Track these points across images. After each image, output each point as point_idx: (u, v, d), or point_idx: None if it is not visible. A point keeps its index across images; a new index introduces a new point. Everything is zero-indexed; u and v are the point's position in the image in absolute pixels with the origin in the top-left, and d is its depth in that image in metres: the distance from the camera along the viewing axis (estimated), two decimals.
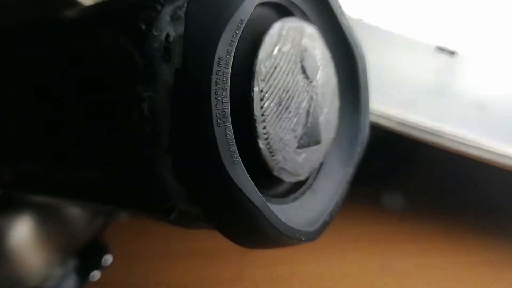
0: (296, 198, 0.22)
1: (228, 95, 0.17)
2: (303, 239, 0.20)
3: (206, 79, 0.17)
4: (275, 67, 0.19)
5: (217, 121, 0.17)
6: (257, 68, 0.18)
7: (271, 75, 0.19)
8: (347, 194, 0.24)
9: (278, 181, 0.21)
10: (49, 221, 0.36)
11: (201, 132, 0.17)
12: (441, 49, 0.34)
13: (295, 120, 0.20)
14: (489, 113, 0.35)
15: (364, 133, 0.25)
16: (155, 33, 0.19)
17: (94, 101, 0.21)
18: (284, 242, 0.19)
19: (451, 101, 0.35)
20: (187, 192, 0.19)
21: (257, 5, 0.19)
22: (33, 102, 0.25)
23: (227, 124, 0.17)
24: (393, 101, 0.34)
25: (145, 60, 0.19)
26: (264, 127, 0.19)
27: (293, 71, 0.20)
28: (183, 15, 0.18)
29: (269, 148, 0.19)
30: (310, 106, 0.21)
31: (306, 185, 0.23)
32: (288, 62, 0.20)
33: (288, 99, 0.20)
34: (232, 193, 0.17)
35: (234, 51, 0.17)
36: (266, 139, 0.19)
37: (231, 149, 0.17)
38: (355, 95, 0.25)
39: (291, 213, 0.21)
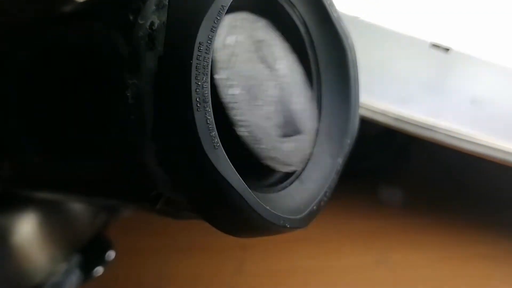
0: (283, 188, 0.22)
1: (209, 80, 0.17)
2: (288, 225, 0.20)
3: (187, 63, 0.16)
4: (233, 55, 0.19)
5: (197, 105, 0.16)
6: (213, 56, 0.18)
7: (230, 62, 0.19)
8: (336, 185, 0.24)
9: (269, 172, 0.21)
10: (52, 217, 0.36)
11: (181, 117, 0.17)
12: (436, 46, 0.34)
13: (267, 108, 0.20)
14: (484, 108, 0.34)
15: (354, 124, 0.24)
16: (141, 21, 0.19)
17: (82, 90, 0.21)
18: (268, 229, 0.19)
19: (446, 97, 0.35)
20: (171, 180, 0.18)
21: None
22: (26, 93, 0.25)
23: (207, 108, 0.17)
24: (389, 97, 0.34)
25: (130, 48, 0.19)
26: (238, 114, 0.19)
27: (252, 60, 0.20)
28: (167, 3, 0.18)
29: (251, 136, 0.19)
30: (280, 94, 0.21)
31: (294, 175, 0.23)
32: (245, 51, 0.20)
33: (256, 87, 0.20)
34: (213, 178, 0.17)
35: (215, 36, 0.17)
36: (245, 126, 0.19)
37: (211, 134, 0.17)
38: (345, 86, 0.24)
39: (277, 202, 0.20)
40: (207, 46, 0.17)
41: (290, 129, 0.21)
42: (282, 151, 0.21)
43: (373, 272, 0.39)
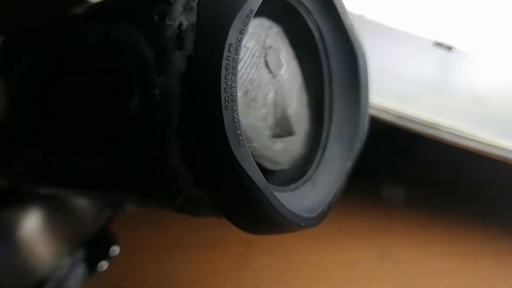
0: (296, 188, 0.22)
1: (237, 80, 0.17)
2: (302, 224, 0.20)
3: (217, 64, 0.16)
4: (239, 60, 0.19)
5: (225, 104, 0.16)
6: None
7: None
8: (345, 186, 0.24)
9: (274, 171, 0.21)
10: (58, 213, 0.36)
11: (209, 115, 0.17)
12: (439, 44, 0.34)
13: (263, 110, 0.20)
14: (485, 106, 0.34)
15: (363, 130, 0.25)
16: (168, 22, 0.19)
17: (108, 88, 0.21)
18: (284, 226, 0.19)
19: (448, 95, 0.35)
20: (193, 175, 0.18)
21: (265, 2, 0.19)
22: (46, 92, 0.25)
23: (234, 107, 0.17)
24: (392, 95, 0.34)
25: (158, 48, 0.19)
26: None
27: (257, 65, 0.20)
28: (195, 6, 0.18)
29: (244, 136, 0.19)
30: (276, 98, 0.21)
31: (307, 176, 0.23)
32: (252, 57, 0.20)
33: (254, 90, 0.20)
34: (237, 174, 0.17)
35: (243, 38, 0.17)
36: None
37: (237, 132, 0.17)
38: (356, 93, 0.25)
39: (291, 201, 0.20)
40: (236, 47, 0.17)
41: (283, 130, 0.22)
42: (272, 151, 0.21)
43: (375, 267, 0.39)
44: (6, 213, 0.33)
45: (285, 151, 0.22)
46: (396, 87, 0.34)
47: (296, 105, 0.23)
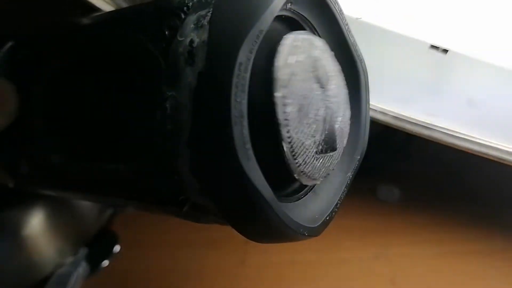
0: (299, 198, 0.22)
1: (246, 97, 0.17)
2: (306, 234, 0.20)
3: (227, 81, 0.17)
4: (292, 75, 0.19)
5: (234, 120, 0.17)
6: (275, 75, 0.19)
7: (290, 81, 0.19)
8: (345, 197, 0.24)
9: (288, 183, 0.22)
10: (60, 212, 0.36)
11: (220, 130, 0.17)
12: (435, 47, 0.34)
13: (314, 126, 0.20)
14: (479, 108, 0.34)
15: (364, 142, 0.25)
16: (180, 38, 0.19)
17: (121, 99, 0.22)
18: (289, 235, 0.20)
19: (444, 97, 0.35)
20: (201, 185, 0.19)
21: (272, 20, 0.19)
22: (62, 100, 0.26)
23: (243, 123, 0.17)
24: (389, 96, 0.34)
25: (170, 63, 0.19)
26: (288, 131, 0.19)
27: (309, 79, 0.20)
28: (206, 23, 0.19)
29: (291, 152, 0.19)
30: (326, 114, 0.21)
31: (309, 187, 0.23)
32: (304, 71, 0.20)
33: (307, 106, 0.20)
34: (245, 186, 0.17)
35: (253, 58, 0.18)
36: (290, 142, 0.19)
37: (246, 146, 0.17)
38: (357, 107, 0.25)
39: (294, 211, 0.21)
40: (245, 66, 0.17)
41: (328, 147, 0.21)
42: (313, 167, 0.21)
43: (371, 266, 0.40)
44: (10, 213, 0.33)
45: (323, 167, 0.21)
46: (394, 89, 0.35)
47: (341, 120, 0.22)
